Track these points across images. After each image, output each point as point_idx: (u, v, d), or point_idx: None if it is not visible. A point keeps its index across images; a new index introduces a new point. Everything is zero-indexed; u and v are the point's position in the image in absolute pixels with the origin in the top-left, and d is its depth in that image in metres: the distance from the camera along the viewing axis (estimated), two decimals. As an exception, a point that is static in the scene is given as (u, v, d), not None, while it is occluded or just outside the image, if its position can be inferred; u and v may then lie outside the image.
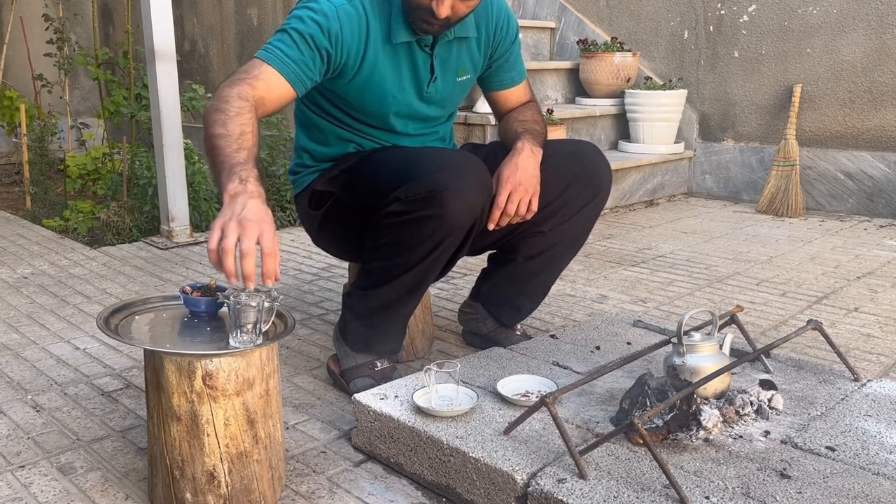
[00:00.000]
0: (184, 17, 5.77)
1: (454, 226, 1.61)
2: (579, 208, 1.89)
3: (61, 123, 5.24)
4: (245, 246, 1.24)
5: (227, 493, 1.33)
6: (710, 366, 1.47)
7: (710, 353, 1.50)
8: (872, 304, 2.54)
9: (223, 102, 1.49)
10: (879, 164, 3.85)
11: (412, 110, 1.79)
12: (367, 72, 1.69)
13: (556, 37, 4.97)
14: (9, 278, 2.87)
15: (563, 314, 2.46)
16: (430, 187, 1.57)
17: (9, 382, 1.96)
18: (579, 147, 1.92)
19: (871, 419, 1.47)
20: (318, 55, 1.62)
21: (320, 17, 1.62)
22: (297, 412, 1.79)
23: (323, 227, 1.88)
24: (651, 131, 4.31)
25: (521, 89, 1.97)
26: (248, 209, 1.28)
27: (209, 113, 1.49)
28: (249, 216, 1.27)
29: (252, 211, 1.28)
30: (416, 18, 1.64)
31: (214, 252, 1.25)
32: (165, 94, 3.25)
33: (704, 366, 1.47)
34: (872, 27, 3.78)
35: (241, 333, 1.30)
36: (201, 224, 3.64)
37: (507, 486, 1.29)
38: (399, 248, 1.65)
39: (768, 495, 1.21)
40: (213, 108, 1.49)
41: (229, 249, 1.24)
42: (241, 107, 1.49)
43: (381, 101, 1.74)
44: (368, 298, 1.76)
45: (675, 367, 1.49)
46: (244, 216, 1.27)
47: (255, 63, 1.60)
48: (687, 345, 1.50)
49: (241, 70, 1.59)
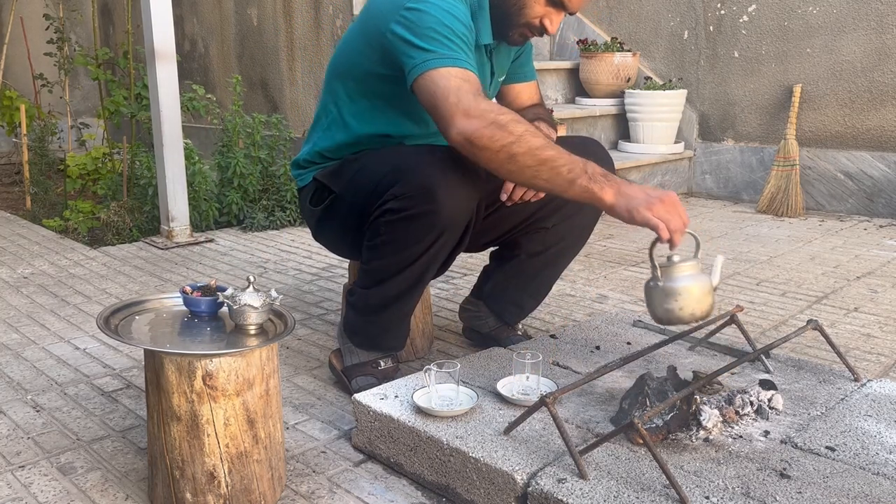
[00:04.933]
0: (184, 17, 5.77)
1: (449, 222, 1.61)
2: (581, 206, 1.89)
3: (61, 123, 5.24)
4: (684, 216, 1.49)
5: (227, 493, 1.33)
6: (691, 285, 1.45)
7: (689, 272, 1.47)
8: (872, 304, 2.54)
9: (503, 114, 1.47)
10: (879, 164, 3.85)
11: None
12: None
13: (556, 37, 4.97)
14: (9, 278, 2.87)
15: (563, 314, 2.46)
16: (423, 184, 1.57)
17: (9, 382, 1.96)
18: (584, 143, 1.92)
19: (871, 419, 1.47)
20: (472, 53, 1.61)
21: (460, 12, 1.59)
22: (297, 412, 1.79)
23: (322, 224, 1.88)
24: (651, 131, 4.31)
25: (532, 87, 1.98)
26: (653, 192, 1.47)
27: (500, 129, 1.45)
28: (664, 195, 1.47)
29: (658, 191, 1.48)
30: (517, 33, 1.67)
31: (668, 234, 1.46)
32: (165, 94, 3.25)
33: (684, 286, 1.46)
34: (872, 27, 3.78)
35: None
36: (201, 224, 3.64)
37: (507, 486, 1.29)
38: (396, 246, 1.65)
39: (768, 495, 1.21)
40: (500, 123, 1.46)
41: (681, 226, 1.47)
42: (517, 114, 1.51)
43: None
44: (369, 296, 1.76)
45: (650, 288, 1.49)
46: (661, 196, 1.46)
47: (457, 72, 1.51)
48: (661, 267, 1.48)
49: (457, 85, 1.49)
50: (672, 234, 1.45)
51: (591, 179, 1.46)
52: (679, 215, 1.46)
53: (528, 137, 1.46)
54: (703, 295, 1.47)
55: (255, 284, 1.39)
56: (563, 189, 1.48)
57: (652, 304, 1.52)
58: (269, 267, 3.03)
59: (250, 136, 3.80)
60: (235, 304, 1.35)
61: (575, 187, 1.46)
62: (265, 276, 2.89)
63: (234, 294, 1.36)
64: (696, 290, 1.47)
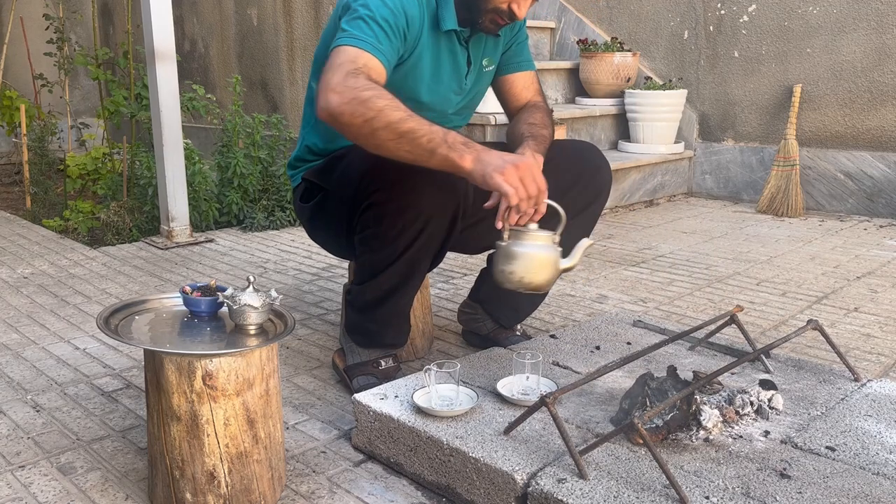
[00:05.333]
0: (184, 17, 5.77)
1: (433, 212, 1.61)
2: (579, 212, 1.87)
3: (61, 123, 5.24)
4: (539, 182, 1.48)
5: (227, 493, 1.33)
6: (530, 252, 1.46)
7: (534, 242, 1.47)
8: (872, 304, 2.54)
9: (368, 90, 1.46)
10: (879, 164, 3.85)
11: (448, 103, 1.79)
12: (415, 57, 1.69)
13: (556, 37, 4.97)
14: (9, 278, 2.87)
15: (563, 314, 2.46)
16: (405, 175, 1.58)
17: (9, 382, 1.96)
18: (581, 149, 1.92)
19: (871, 419, 1.47)
20: (400, 41, 1.61)
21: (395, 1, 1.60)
22: (297, 412, 1.79)
23: (315, 222, 1.88)
24: (651, 131, 4.31)
25: (528, 77, 1.93)
26: (508, 157, 1.46)
27: (361, 104, 1.46)
28: (518, 160, 1.45)
29: (513, 156, 1.47)
30: (487, 19, 1.66)
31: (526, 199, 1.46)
32: (165, 94, 3.25)
33: (523, 252, 1.46)
34: (872, 27, 3.78)
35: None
36: (201, 224, 3.64)
37: (507, 486, 1.29)
38: (383, 239, 1.65)
39: (768, 495, 1.21)
40: (362, 98, 1.46)
41: (535, 193, 1.46)
42: (384, 89, 1.50)
43: (417, 90, 1.73)
44: (364, 292, 1.76)
45: (495, 248, 1.50)
46: (515, 161, 1.45)
47: (353, 52, 1.53)
48: (512, 230, 1.48)
49: (344, 61, 1.51)
50: (521, 200, 1.45)
51: (451, 148, 1.46)
52: (534, 181, 1.45)
53: (388, 112, 1.46)
54: (539, 266, 1.47)
55: (255, 284, 1.39)
56: (425, 159, 1.48)
57: (493, 265, 1.55)
58: (269, 267, 3.03)
59: (250, 136, 3.80)
60: (235, 304, 1.35)
61: (436, 156, 1.47)
62: (265, 276, 2.89)
63: (234, 294, 1.36)
64: (534, 259, 1.47)
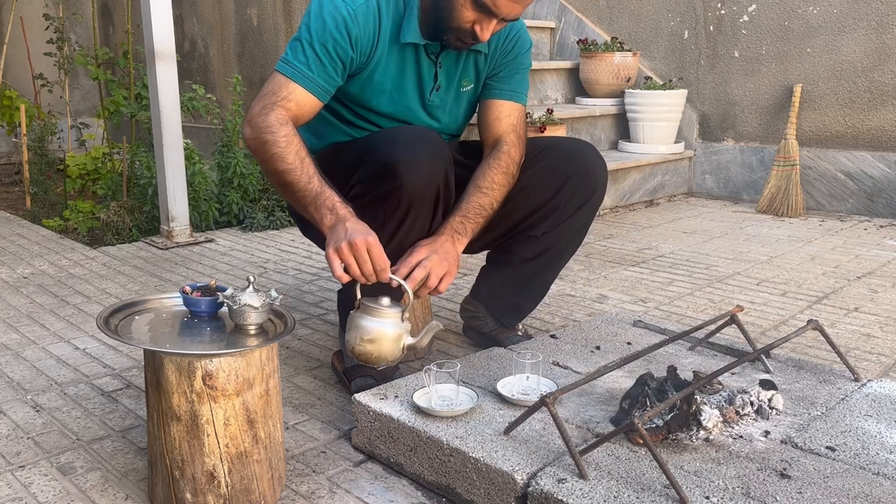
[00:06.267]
0: (184, 17, 5.77)
1: (414, 197, 1.61)
2: (572, 211, 1.87)
3: (61, 123, 5.24)
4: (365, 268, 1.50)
5: (227, 493, 1.33)
6: (369, 327, 1.50)
7: (376, 317, 1.50)
8: (872, 304, 2.54)
9: (269, 133, 1.56)
10: (879, 164, 3.85)
11: (412, 114, 1.79)
12: (370, 69, 1.69)
13: (556, 36, 4.97)
14: (9, 278, 2.87)
15: (563, 314, 2.46)
16: (384, 161, 1.59)
17: (9, 382, 1.96)
18: (575, 148, 1.89)
19: (872, 419, 1.47)
20: (339, 63, 1.64)
21: (339, 20, 1.61)
22: (297, 412, 1.79)
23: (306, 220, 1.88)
24: (651, 131, 4.31)
25: (507, 108, 1.82)
26: (350, 232, 1.48)
27: (260, 146, 1.57)
28: (355, 237, 1.47)
29: (355, 232, 1.48)
30: (452, 37, 1.65)
31: (345, 277, 1.50)
32: (165, 94, 3.25)
33: (362, 325, 1.50)
34: (872, 27, 3.78)
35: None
36: (201, 224, 3.64)
37: (507, 486, 1.29)
38: None
39: (768, 495, 1.21)
40: (262, 140, 1.56)
41: (360, 275, 1.50)
42: (288, 133, 1.56)
43: (378, 99, 1.74)
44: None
45: (350, 318, 1.53)
46: (350, 239, 1.47)
47: (281, 81, 1.62)
48: (363, 302, 1.52)
49: (269, 92, 1.61)
50: (355, 276, 1.50)
51: (317, 209, 1.54)
52: (367, 262, 1.48)
53: (276, 161, 1.55)
54: (378, 340, 1.51)
55: (255, 284, 1.39)
56: (301, 209, 1.59)
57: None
58: (269, 267, 3.03)
59: (250, 135, 3.79)
60: (235, 304, 1.35)
61: (307, 211, 1.57)
62: (265, 276, 2.89)
63: (234, 294, 1.36)
64: (373, 333, 1.51)
